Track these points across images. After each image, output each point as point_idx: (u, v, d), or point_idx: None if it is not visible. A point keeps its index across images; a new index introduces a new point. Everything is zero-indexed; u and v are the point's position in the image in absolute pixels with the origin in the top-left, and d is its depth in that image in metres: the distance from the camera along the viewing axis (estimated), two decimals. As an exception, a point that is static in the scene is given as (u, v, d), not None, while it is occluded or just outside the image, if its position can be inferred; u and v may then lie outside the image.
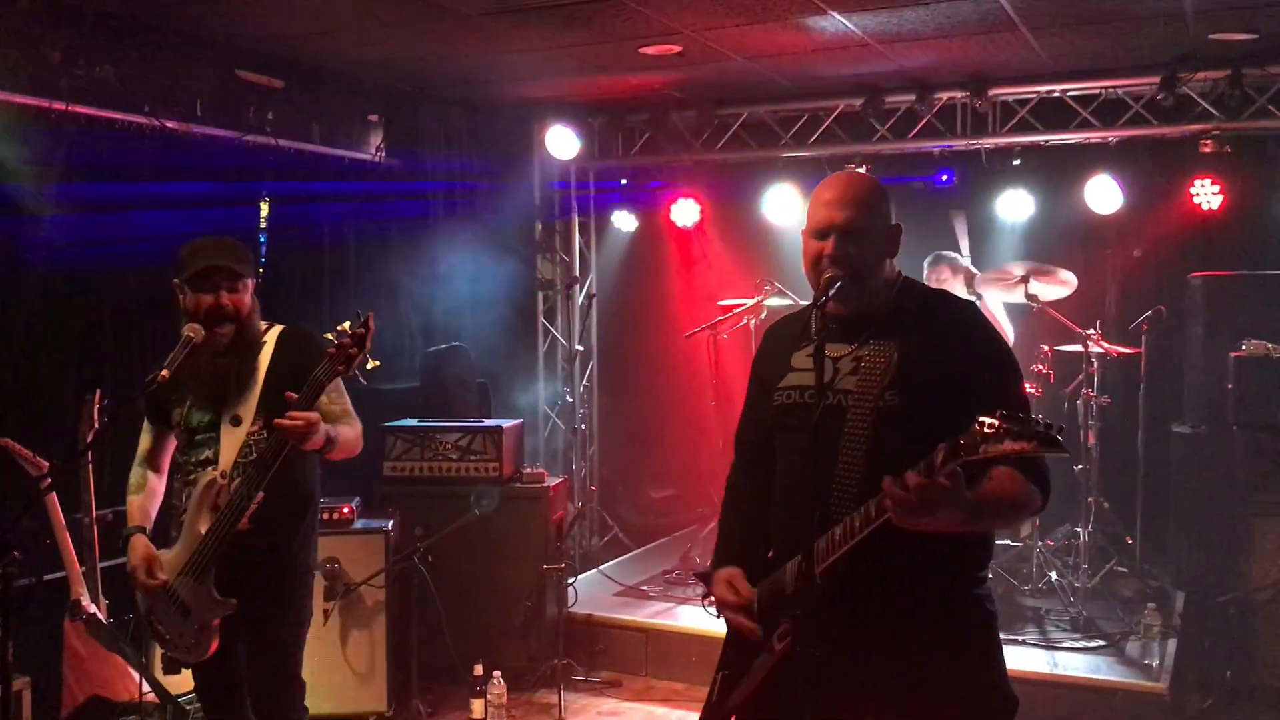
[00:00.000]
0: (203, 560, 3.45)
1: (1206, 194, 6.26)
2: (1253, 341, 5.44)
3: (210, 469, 3.51)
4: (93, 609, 4.85)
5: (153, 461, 3.77)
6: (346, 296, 6.56)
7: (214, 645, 3.49)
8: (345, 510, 5.07)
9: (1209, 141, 6.16)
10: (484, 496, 5.10)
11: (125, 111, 5.33)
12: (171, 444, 3.73)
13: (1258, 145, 6.34)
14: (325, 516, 5.03)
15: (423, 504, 5.56)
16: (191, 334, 3.48)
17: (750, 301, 6.56)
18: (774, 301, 6.55)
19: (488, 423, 5.84)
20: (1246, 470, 5.30)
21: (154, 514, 3.71)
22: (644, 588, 6.46)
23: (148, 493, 3.73)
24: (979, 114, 6.76)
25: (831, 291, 2.57)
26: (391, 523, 5.20)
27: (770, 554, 2.66)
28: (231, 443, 3.54)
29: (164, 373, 3.37)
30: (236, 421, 3.57)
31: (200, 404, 3.60)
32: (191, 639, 3.50)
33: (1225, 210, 6.23)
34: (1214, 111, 6.15)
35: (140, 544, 3.56)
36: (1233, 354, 5.44)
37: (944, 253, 6.43)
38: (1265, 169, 6.41)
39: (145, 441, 3.76)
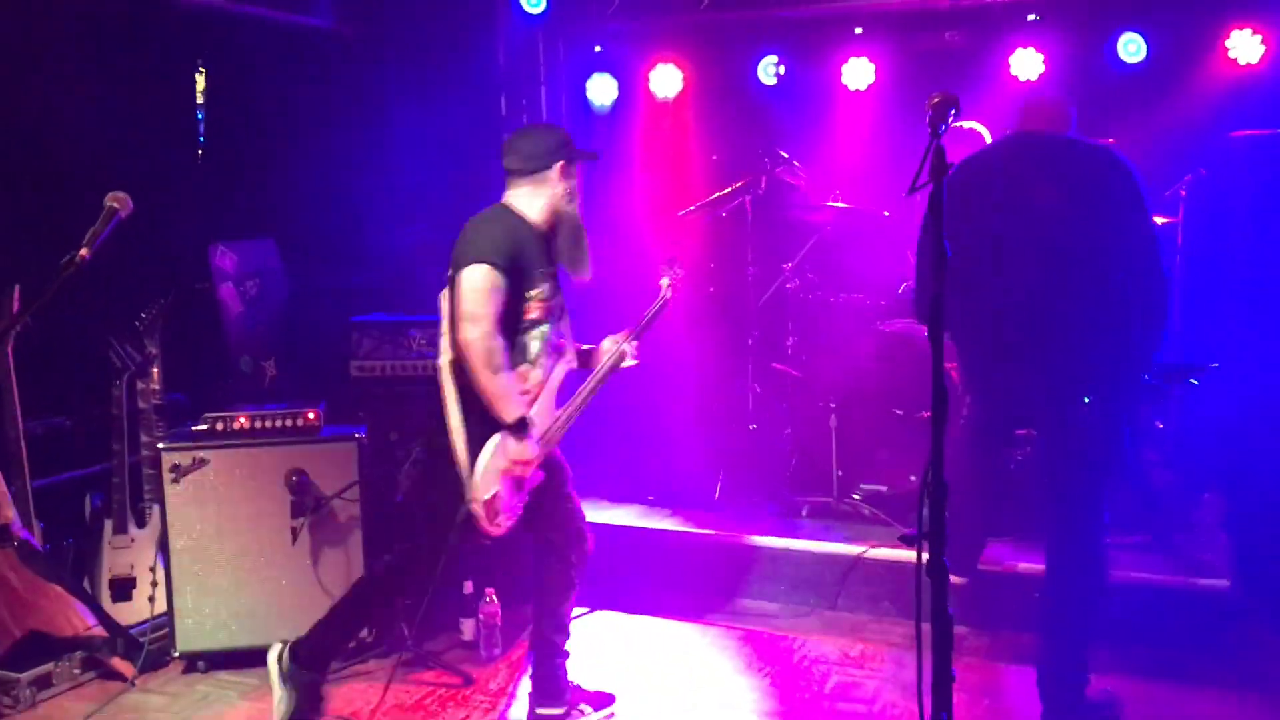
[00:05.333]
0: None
1: (1246, 44, 5.71)
2: (1308, 203, 4.95)
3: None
4: (25, 534, 4.30)
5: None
6: (295, 177, 5.91)
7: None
8: (311, 415, 4.48)
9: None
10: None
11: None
12: None
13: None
14: (289, 424, 4.47)
15: (396, 406, 5.00)
16: (116, 204, 2.87)
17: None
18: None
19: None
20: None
21: None
22: (645, 493, 5.95)
23: None
24: (990, -35, 6.15)
25: None
26: (365, 428, 4.62)
27: None
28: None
29: (84, 252, 2.79)
30: None
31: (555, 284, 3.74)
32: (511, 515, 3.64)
33: (1269, 62, 5.69)
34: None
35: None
36: (1284, 217, 4.95)
37: None
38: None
39: (502, 304, 3.53)
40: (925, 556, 2.06)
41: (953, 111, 2.12)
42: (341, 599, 3.97)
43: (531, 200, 3.72)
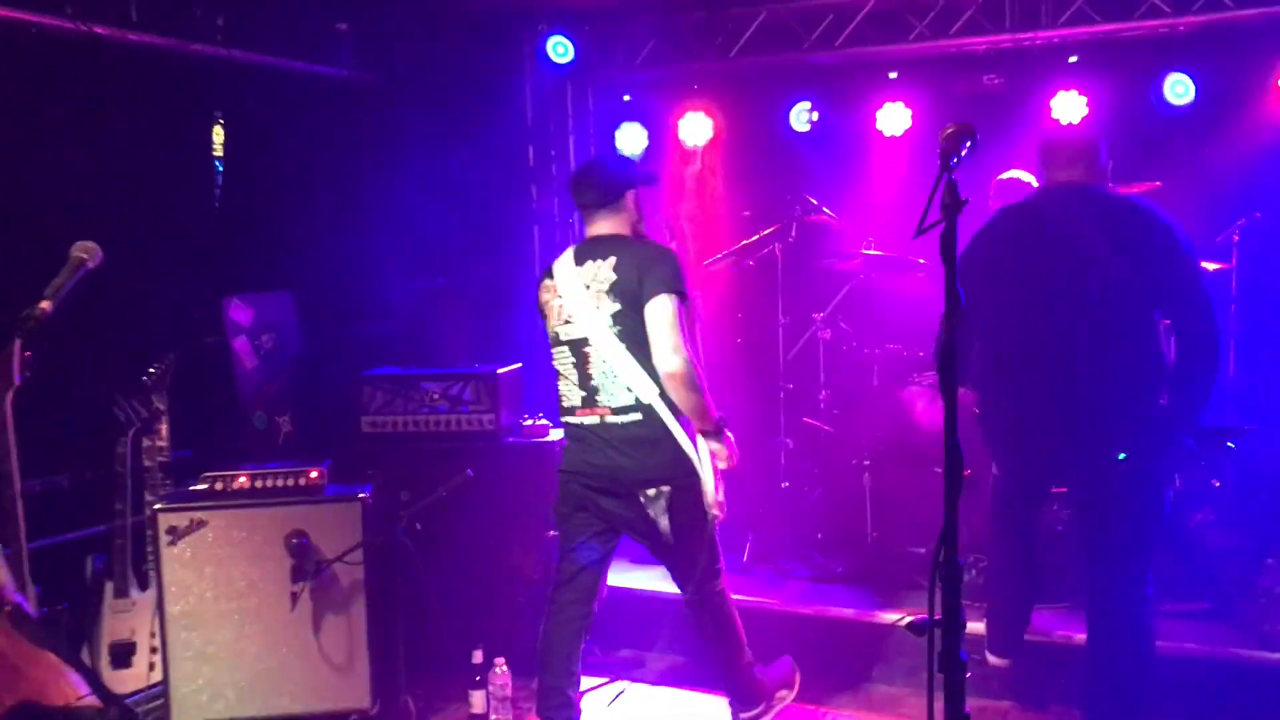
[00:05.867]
0: None
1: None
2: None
3: None
4: (18, 598, 4.14)
5: None
6: (314, 229, 5.79)
7: None
8: (314, 474, 4.29)
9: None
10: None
11: (43, 14, 4.55)
12: None
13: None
14: (290, 483, 4.28)
15: (407, 464, 4.81)
16: (84, 254, 2.73)
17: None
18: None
19: (480, 368, 5.06)
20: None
21: None
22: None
23: None
24: (1029, 5, 5.92)
25: None
26: (370, 487, 4.42)
27: None
28: None
29: (45, 304, 2.63)
30: None
31: None
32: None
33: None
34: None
35: None
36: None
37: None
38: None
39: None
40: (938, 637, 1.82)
41: (968, 144, 1.91)
42: (709, 643, 4.13)
43: (618, 229, 3.84)
